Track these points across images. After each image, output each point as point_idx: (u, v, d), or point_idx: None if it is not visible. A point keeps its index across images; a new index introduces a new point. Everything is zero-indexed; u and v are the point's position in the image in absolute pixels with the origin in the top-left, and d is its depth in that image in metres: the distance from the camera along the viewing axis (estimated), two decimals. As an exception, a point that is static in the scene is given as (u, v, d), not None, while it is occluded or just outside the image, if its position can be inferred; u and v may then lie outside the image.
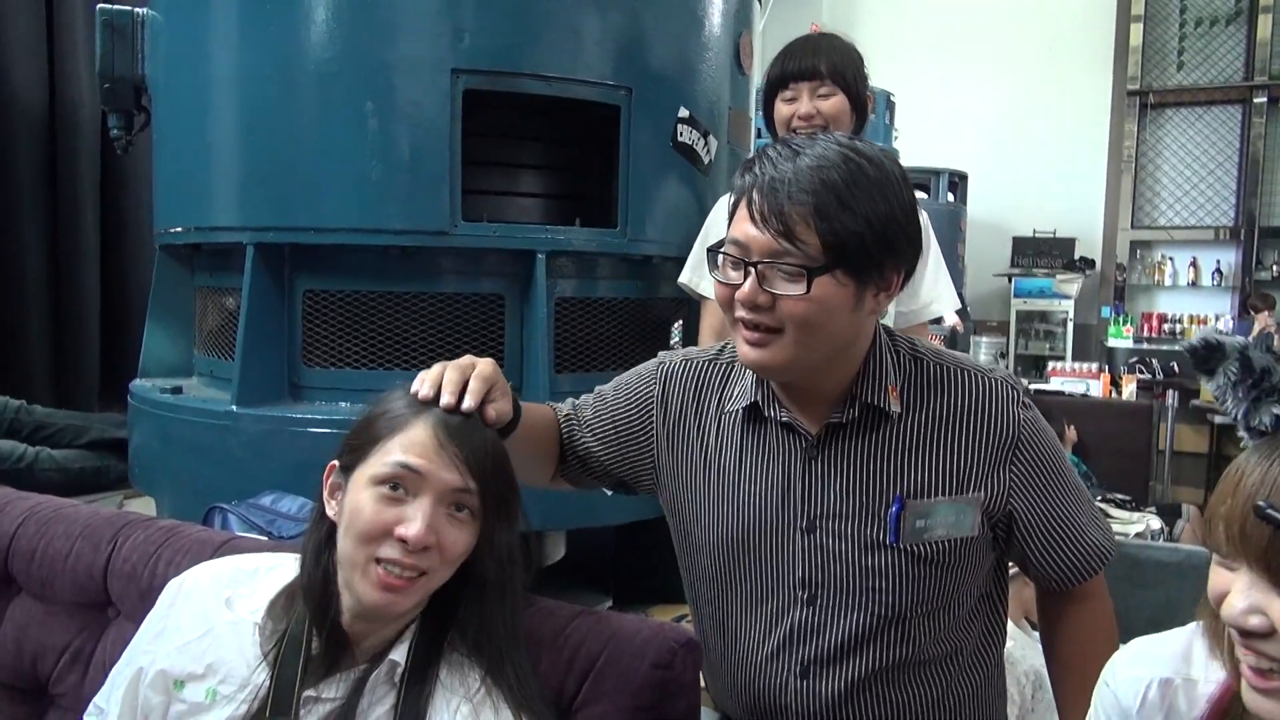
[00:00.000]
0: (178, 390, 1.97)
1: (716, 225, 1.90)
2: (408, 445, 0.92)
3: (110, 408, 3.09)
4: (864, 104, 1.87)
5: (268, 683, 0.92)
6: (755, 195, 0.99)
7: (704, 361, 1.18)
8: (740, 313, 1.01)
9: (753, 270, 0.99)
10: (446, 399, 0.96)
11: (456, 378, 0.98)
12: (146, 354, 2.19)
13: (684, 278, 1.93)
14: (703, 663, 1.11)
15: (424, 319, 1.84)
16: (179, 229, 1.99)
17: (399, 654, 0.94)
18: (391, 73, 1.74)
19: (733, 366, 1.16)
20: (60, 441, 2.63)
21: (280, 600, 0.97)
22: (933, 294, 1.96)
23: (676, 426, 1.17)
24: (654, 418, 1.18)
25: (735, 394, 1.13)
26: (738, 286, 1.00)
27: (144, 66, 2.06)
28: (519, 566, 0.97)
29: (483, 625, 0.95)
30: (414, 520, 0.90)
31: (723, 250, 1.04)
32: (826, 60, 1.79)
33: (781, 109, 1.83)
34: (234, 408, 1.81)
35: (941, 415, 1.07)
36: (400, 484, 0.91)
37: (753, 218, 0.99)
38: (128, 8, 2.06)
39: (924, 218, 1.95)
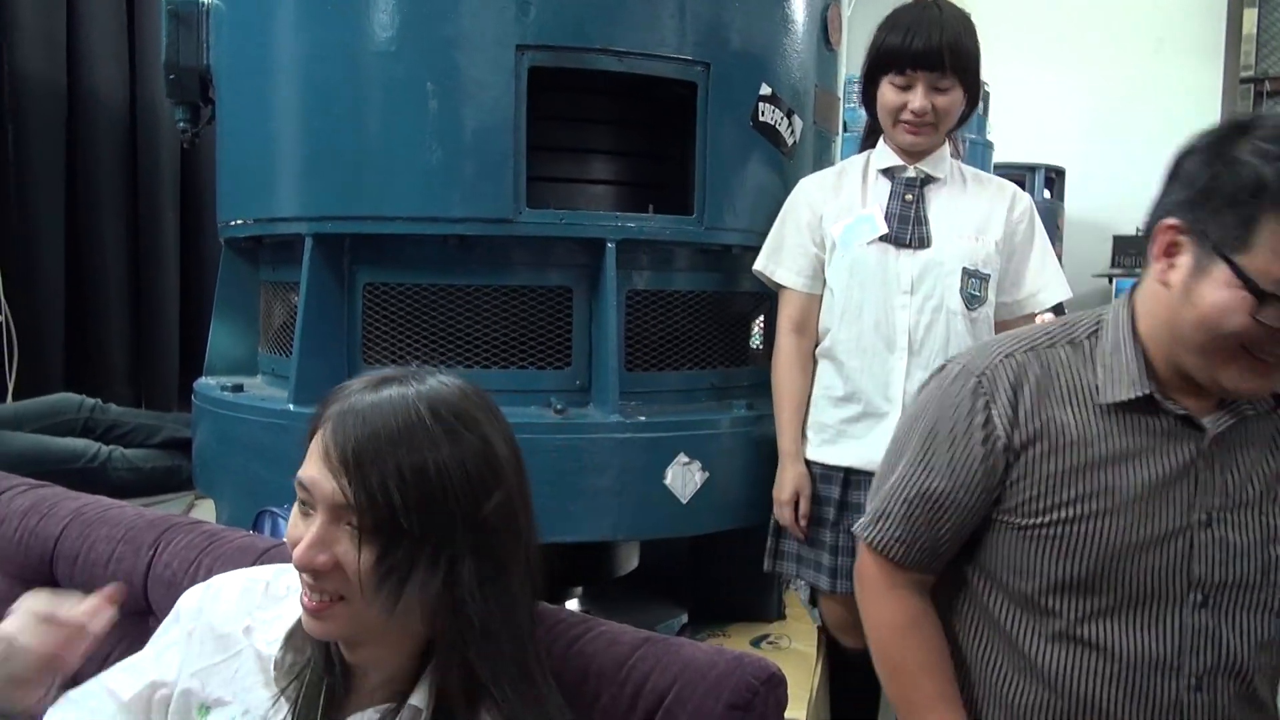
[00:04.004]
0: (238, 388, 1.91)
1: (795, 209, 1.76)
2: (310, 451, 0.81)
3: (186, 407, 3.09)
4: (977, 95, 1.70)
5: (286, 719, 0.82)
6: None
7: (1025, 358, 1.08)
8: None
9: None
10: None
11: None
12: (212, 351, 2.14)
13: (760, 265, 1.79)
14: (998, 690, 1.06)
15: (487, 313, 1.73)
16: (241, 221, 1.94)
17: (419, 699, 0.82)
18: (453, 50, 1.63)
19: (1061, 352, 1.07)
20: (133, 441, 2.63)
21: (299, 630, 0.87)
22: (1038, 282, 1.78)
23: (1029, 421, 1.05)
24: (996, 429, 1.06)
25: (1112, 385, 1.04)
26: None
27: (208, 57, 2.02)
28: (493, 629, 0.80)
29: (470, 675, 0.81)
30: (303, 539, 0.79)
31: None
32: (951, 47, 1.62)
33: (890, 95, 1.67)
34: (291, 406, 1.73)
35: None
36: (303, 498, 0.81)
37: None
38: (194, -3, 2.02)
39: (1026, 201, 1.79)
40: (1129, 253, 6.59)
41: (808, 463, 1.74)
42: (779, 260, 1.77)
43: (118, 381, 3.12)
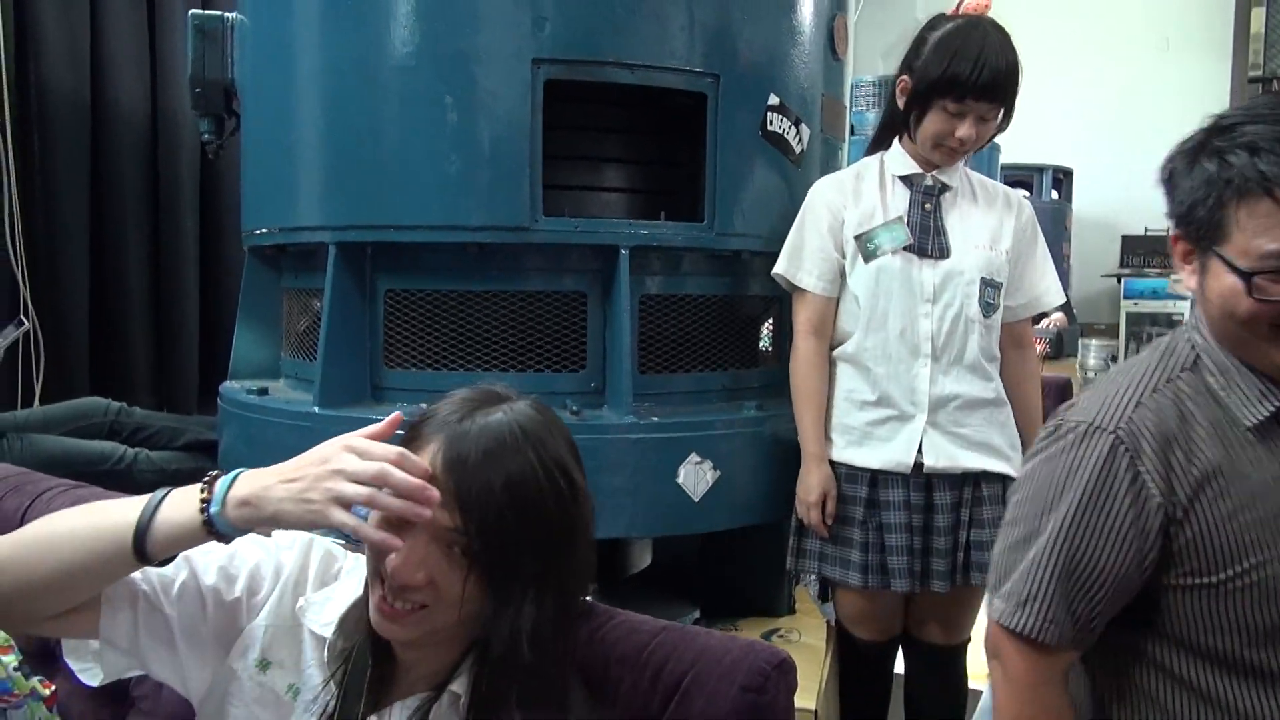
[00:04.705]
0: (263, 391, 1.97)
1: (815, 213, 1.79)
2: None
3: (208, 410, 3.16)
4: (1012, 115, 1.73)
5: (331, 702, 0.87)
6: None
7: (1157, 401, 1.00)
8: None
9: None
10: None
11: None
12: (236, 356, 2.20)
13: (780, 268, 1.81)
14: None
15: (505, 318, 1.79)
16: (265, 230, 2.00)
17: (459, 685, 0.87)
18: (471, 63, 1.69)
19: (1181, 382, 1.01)
20: (158, 443, 2.69)
21: (351, 615, 0.91)
22: (1041, 286, 1.83)
23: (1186, 473, 0.97)
24: (1148, 488, 0.97)
25: (1242, 405, 0.98)
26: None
27: (233, 70, 2.08)
28: (546, 649, 0.84)
29: (510, 698, 0.85)
30: (401, 554, 0.81)
31: (1258, 274, 0.92)
32: (1007, 78, 1.65)
33: (939, 122, 1.68)
34: (316, 409, 1.79)
35: None
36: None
37: None
38: (218, 13, 2.08)
39: (1029, 209, 1.83)
40: (1137, 253, 6.60)
41: (832, 463, 1.77)
42: (800, 264, 1.79)
43: (140, 385, 3.19)
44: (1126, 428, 0.97)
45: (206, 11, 2.08)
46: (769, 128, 1.86)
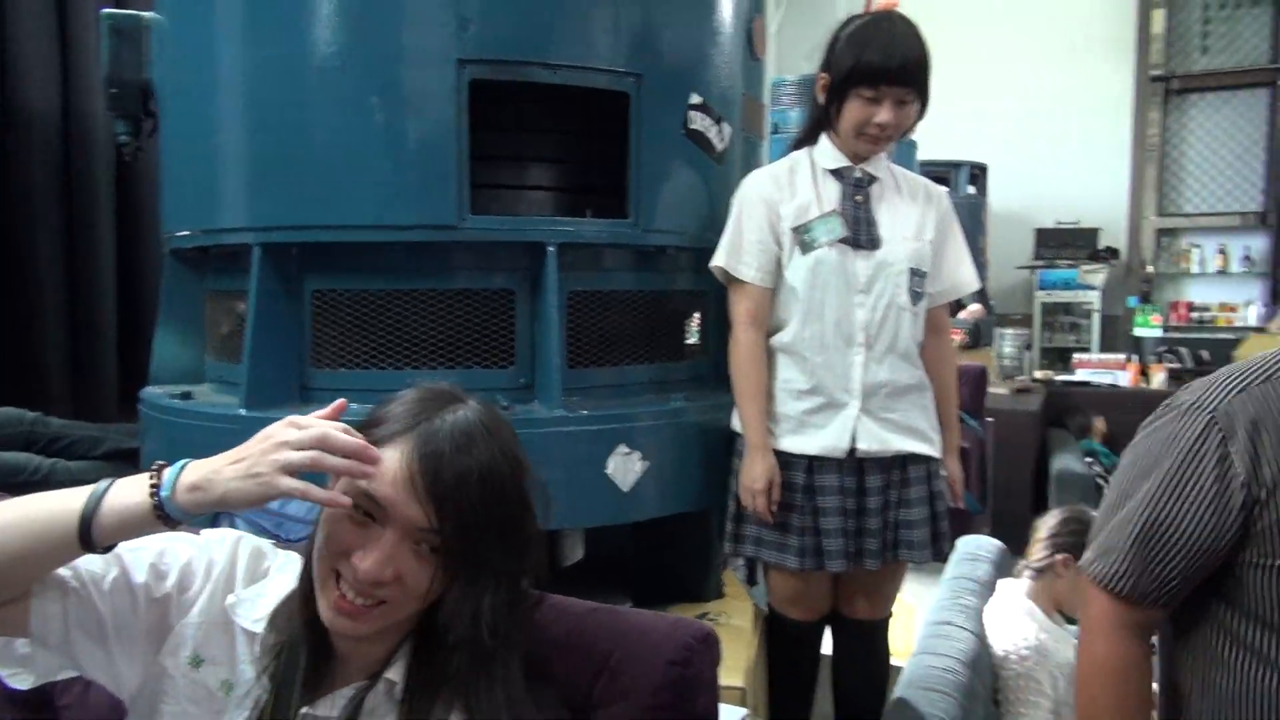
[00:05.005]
0: (187, 396, 1.95)
1: (751, 206, 1.84)
2: (382, 470, 0.85)
3: (128, 417, 3.08)
4: (928, 105, 1.81)
5: (265, 696, 0.88)
6: None
7: (1263, 391, 1.06)
8: None
9: None
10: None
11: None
12: (157, 361, 2.17)
13: (719, 261, 1.86)
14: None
15: (434, 316, 1.81)
16: (186, 232, 1.97)
17: (395, 673, 0.89)
18: (396, 64, 1.71)
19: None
20: (76, 453, 2.62)
21: (282, 611, 0.92)
22: (958, 274, 1.92)
23: (1275, 458, 1.03)
24: (1234, 468, 1.04)
25: None
26: None
27: (150, 70, 2.05)
28: (501, 634, 0.87)
29: (449, 682, 0.87)
30: (370, 553, 0.84)
31: None
32: (916, 66, 1.73)
33: (858, 110, 1.76)
34: (243, 411, 1.78)
35: None
36: (367, 510, 0.85)
37: None
38: (134, 12, 2.05)
39: (947, 200, 1.92)
40: (1050, 245, 6.87)
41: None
42: (739, 256, 1.83)
43: (57, 394, 3.10)
44: (1224, 409, 1.05)
45: (121, 11, 2.05)
46: (691, 126, 1.91)
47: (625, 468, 1.80)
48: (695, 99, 1.91)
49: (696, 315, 2.14)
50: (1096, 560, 1.13)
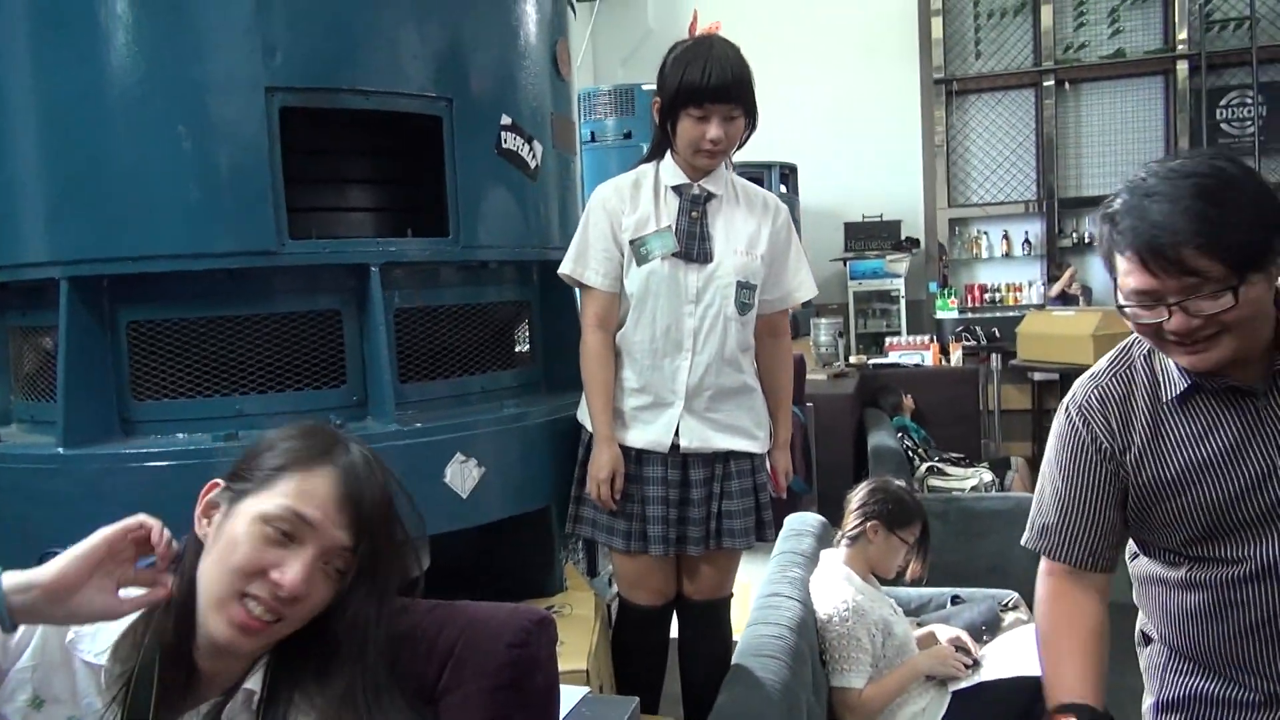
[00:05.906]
0: (-4, 438, 1.87)
1: (596, 217, 1.95)
2: (306, 493, 0.92)
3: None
4: (756, 119, 1.95)
5: None
6: (1144, 252, 1.12)
7: (1107, 383, 1.32)
8: (1173, 337, 1.16)
9: (1175, 308, 1.12)
10: None
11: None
12: (-42, 404, 2.06)
13: (565, 268, 1.96)
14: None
15: (260, 341, 1.81)
16: (-17, 268, 1.89)
17: (254, 682, 0.94)
18: (202, 92, 1.70)
19: (1133, 368, 1.31)
20: None
21: (125, 641, 0.95)
22: (794, 281, 2.08)
23: (1124, 442, 1.30)
24: (1107, 459, 1.31)
25: (1169, 384, 1.26)
26: (1160, 322, 1.15)
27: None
28: (372, 632, 0.96)
29: (330, 683, 0.95)
30: (292, 569, 0.90)
31: (1126, 306, 1.18)
32: (737, 83, 1.86)
33: (690, 128, 1.88)
34: (60, 450, 1.73)
35: None
36: (289, 530, 0.91)
37: (1151, 271, 1.12)
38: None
39: (785, 213, 2.07)
40: (858, 237, 7.35)
41: None
42: (585, 264, 1.95)
43: None
44: (1086, 401, 1.33)
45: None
46: (504, 146, 2.00)
47: (463, 475, 1.87)
48: (506, 120, 2.00)
49: (525, 323, 2.23)
50: (1027, 534, 1.42)
